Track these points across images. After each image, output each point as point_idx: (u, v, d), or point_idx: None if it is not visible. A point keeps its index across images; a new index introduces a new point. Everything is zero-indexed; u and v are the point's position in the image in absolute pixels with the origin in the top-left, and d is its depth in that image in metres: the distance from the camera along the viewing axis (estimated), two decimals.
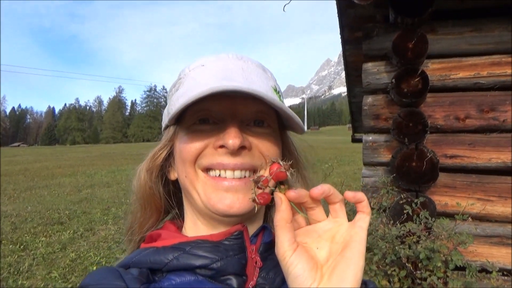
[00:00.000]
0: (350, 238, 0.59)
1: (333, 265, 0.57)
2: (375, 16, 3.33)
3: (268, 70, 0.85)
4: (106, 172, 19.62)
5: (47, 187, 14.18)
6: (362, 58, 3.35)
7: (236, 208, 0.72)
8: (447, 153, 2.97)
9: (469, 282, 2.35)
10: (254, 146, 0.75)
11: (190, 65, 0.83)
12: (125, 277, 0.66)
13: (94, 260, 6.06)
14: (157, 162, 0.85)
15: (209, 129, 0.76)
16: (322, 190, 0.59)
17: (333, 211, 0.63)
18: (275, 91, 0.79)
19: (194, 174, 0.76)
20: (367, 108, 3.22)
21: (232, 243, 0.73)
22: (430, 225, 2.63)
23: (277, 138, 0.82)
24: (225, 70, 0.77)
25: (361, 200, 0.61)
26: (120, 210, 9.55)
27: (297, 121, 0.76)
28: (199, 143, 0.75)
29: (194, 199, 0.78)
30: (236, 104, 0.75)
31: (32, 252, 6.41)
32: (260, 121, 0.79)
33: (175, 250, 0.72)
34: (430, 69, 3.01)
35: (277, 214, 0.60)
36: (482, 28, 2.91)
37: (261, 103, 0.73)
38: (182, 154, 0.77)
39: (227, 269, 0.70)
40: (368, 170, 3.27)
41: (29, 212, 9.20)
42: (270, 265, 0.75)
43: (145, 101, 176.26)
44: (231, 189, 0.73)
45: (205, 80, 0.74)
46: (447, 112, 2.98)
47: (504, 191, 2.84)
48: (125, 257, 0.77)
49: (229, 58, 0.81)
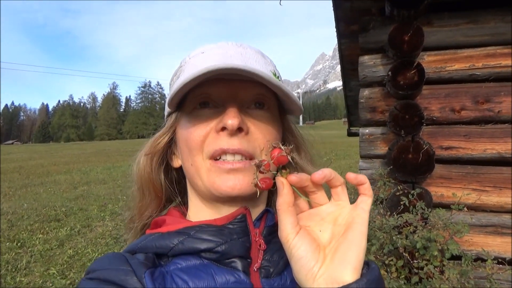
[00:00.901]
0: (352, 220, 0.60)
1: (335, 246, 0.58)
2: (371, 9, 3.33)
3: (267, 57, 0.86)
4: (101, 169, 19.57)
5: (43, 184, 14.14)
6: (358, 51, 3.36)
7: (238, 188, 0.73)
8: (443, 144, 3.00)
9: (465, 271, 2.39)
10: (253, 130, 0.76)
11: (190, 53, 0.84)
12: (131, 261, 0.67)
13: (92, 256, 6.07)
14: (158, 148, 0.85)
15: (210, 113, 0.77)
16: (323, 175, 0.60)
17: (335, 195, 0.64)
18: (274, 76, 0.80)
19: (201, 162, 0.77)
20: (363, 101, 3.23)
21: (236, 227, 0.75)
22: (427, 216, 2.66)
23: (277, 121, 0.83)
24: (224, 56, 0.78)
25: (363, 182, 0.62)
26: (117, 206, 9.54)
27: (295, 100, 0.77)
28: (202, 129, 0.76)
29: (198, 186, 0.79)
30: (235, 88, 0.76)
31: (30, 249, 6.41)
32: (260, 103, 0.80)
33: (180, 234, 0.73)
34: (426, 61, 3.02)
35: (279, 198, 0.60)
36: (478, 20, 2.93)
37: (260, 86, 0.75)
38: (188, 142, 0.78)
39: (232, 252, 0.71)
40: (365, 163, 3.29)
41: (25, 210, 9.18)
42: (273, 248, 0.77)
43: (140, 97, 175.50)
44: (232, 171, 0.73)
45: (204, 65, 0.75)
46: (442, 104, 3.01)
47: (499, 181, 2.87)
48: (131, 243, 0.78)
49: (229, 45, 0.82)
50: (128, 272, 0.64)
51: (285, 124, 0.88)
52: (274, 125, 0.81)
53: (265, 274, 0.73)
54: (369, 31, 3.19)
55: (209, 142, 0.76)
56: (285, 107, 0.85)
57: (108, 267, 0.65)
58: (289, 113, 0.88)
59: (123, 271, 0.64)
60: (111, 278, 0.63)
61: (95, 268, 0.66)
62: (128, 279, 0.63)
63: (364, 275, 0.56)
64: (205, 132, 0.76)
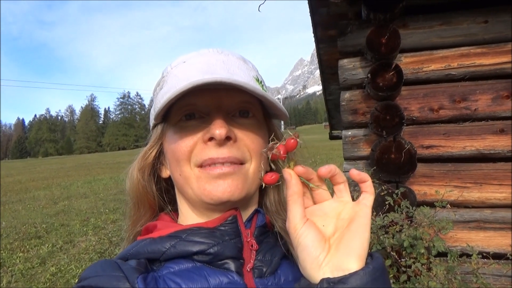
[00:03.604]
0: (355, 214, 0.62)
1: (340, 237, 0.60)
2: (347, 13, 3.40)
3: (249, 62, 0.87)
4: (82, 182, 19.18)
5: (21, 201, 13.75)
6: (336, 55, 3.41)
7: (228, 192, 0.73)
8: (424, 143, 3.06)
9: (451, 267, 2.43)
10: (239, 138, 0.77)
11: (172, 63, 0.84)
12: (124, 267, 0.67)
13: (75, 272, 5.92)
14: (148, 161, 0.86)
15: (196, 124, 0.77)
16: (329, 169, 0.62)
17: (338, 191, 0.65)
18: (257, 81, 0.81)
19: (190, 171, 0.77)
20: (344, 103, 3.27)
21: (227, 228, 0.75)
22: (411, 214, 2.70)
23: (262, 128, 0.84)
24: (207, 64, 0.78)
25: (365, 180, 0.63)
26: (100, 220, 9.36)
27: (280, 107, 0.78)
28: (189, 140, 0.76)
29: (188, 194, 0.79)
30: (220, 97, 0.77)
31: (10, 269, 6.20)
32: (245, 111, 0.80)
33: (171, 238, 0.74)
34: (403, 63, 3.09)
35: (288, 189, 0.62)
36: (451, 21, 3.02)
37: (245, 94, 0.75)
38: (175, 154, 0.78)
39: (224, 253, 0.72)
40: (349, 165, 3.33)
41: (3, 228, 8.90)
42: (266, 248, 0.77)
43: (119, 108, 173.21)
44: (222, 175, 0.74)
45: (187, 75, 0.75)
46: (421, 104, 3.07)
47: (479, 178, 2.94)
48: (123, 250, 0.77)
49: (210, 52, 0.82)
50: (121, 278, 0.63)
51: (271, 128, 0.88)
52: (260, 132, 0.81)
53: (259, 274, 0.74)
54: (347, 34, 3.25)
55: (196, 152, 0.76)
56: (270, 112, 0.86)
57: (101, 273, 0.65)
58: (274, 117, 0.89)
59: (116, 277, 0.64)
60: (103, 285, 0.63)
61: (87, 275, 0.65)
62: (121, 285, 0.63)
63: (369, 263, 0.57)
64: (192, 143, 0.76)
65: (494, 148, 2.91)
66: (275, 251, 0.78)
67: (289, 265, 0.79)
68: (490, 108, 2.94)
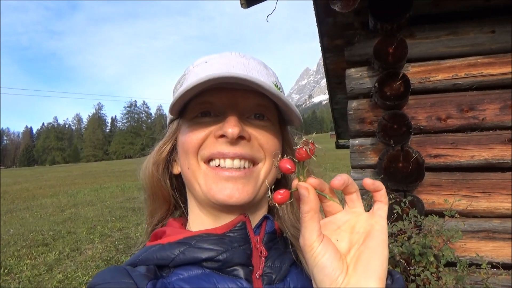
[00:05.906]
0: (371, 228, 0.58)
1: (357, 255, 0.56)
2: (353, 23, 3.43)
3: (270, 68, 0.88)
4: (88, 190, 19.25)
5: (29, 208, 13.82)
6: (343, 65, 3.44)
7: (236, 198, 0.73)
8: (431, 153, 3.06)
9: (461, 276, 2.41)
10: (253, 137, 0.77)
11: (194, 62, 0.86)
12: (133, 274, 0.66)
13: (82, 280, 5.93)
14: (162, 156, 0.87)
15: (210, 121, 0.78)
16: (342, 180, 0.58)
17: (350, 201, 0.61)
18: (275, 87, 0.81)
19: (196, 165, 0.78)
20: (352, 112, 3.29)
21: (236, 235, 0.75)
22: (420, 223, 2.69)
23: (277, 132, 0.84)
24: (227, 66, 0.79)
25: (379, 189, 0.60)
26: (106, 228, 9.37)
27: (295, 111, 0.78)
28: (200, 133, 0.77)
29: (195, 191, 0.79)
30: (236, 97, 0.77)
31: (17, 276, 6.23)
32: (260, 115, 0.81)
33: (180, 245, 0.73)
34: (410, 72, 3.11)
35: (305, 204, 0.56)
36: (458, 31, 3.03)
37: (261, 97, 0.76)
38: (184, 145, 0.79)
39: (233, 260, 0.71)
40: (356, 173, 3.33)
41: (11, 235, 8.95)
42: (275, 255, 0.77)
43: (126, 117, 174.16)
44: (230, 179, 0.74)
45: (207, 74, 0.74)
46: (429, 113, 3.08)
47: (487, 187, 2.93)
48: (132, 256, 0.78)
49: (232, 55, 0.83)
50: (130, 285, 0.63)
51: (285, 135, 0.88)
52: (274, 135, 0.82)
53: (268, 280, 0.73)
54: (354, 44, 3.27)
55: (206, 145, 0.77)
56: (285, 118, 0.86)
57: (110, 280, 0.64)
58: (289, 123, 0.89)
59: (125, 284, 0.64)
60: None
61: (96, 283, 0.65)
62: None
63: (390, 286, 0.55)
64: (203, 135, 0.77)
65: (503, 158, 2.90)
66: (284, 258, 0.77)
67: (298, 272, 0.78)
68: (498, 118, 2.94)
